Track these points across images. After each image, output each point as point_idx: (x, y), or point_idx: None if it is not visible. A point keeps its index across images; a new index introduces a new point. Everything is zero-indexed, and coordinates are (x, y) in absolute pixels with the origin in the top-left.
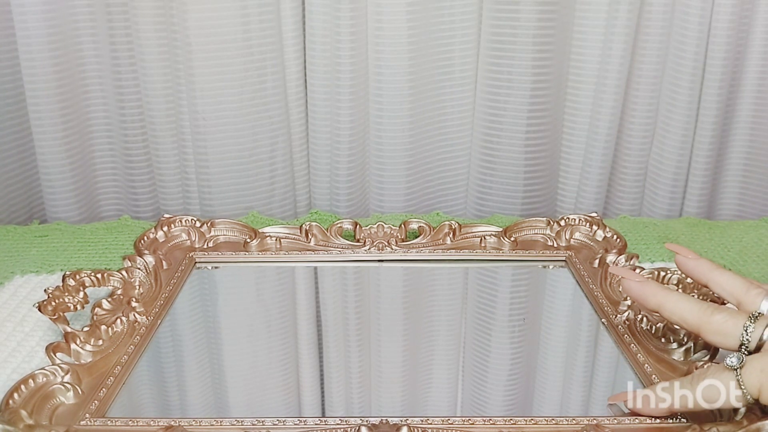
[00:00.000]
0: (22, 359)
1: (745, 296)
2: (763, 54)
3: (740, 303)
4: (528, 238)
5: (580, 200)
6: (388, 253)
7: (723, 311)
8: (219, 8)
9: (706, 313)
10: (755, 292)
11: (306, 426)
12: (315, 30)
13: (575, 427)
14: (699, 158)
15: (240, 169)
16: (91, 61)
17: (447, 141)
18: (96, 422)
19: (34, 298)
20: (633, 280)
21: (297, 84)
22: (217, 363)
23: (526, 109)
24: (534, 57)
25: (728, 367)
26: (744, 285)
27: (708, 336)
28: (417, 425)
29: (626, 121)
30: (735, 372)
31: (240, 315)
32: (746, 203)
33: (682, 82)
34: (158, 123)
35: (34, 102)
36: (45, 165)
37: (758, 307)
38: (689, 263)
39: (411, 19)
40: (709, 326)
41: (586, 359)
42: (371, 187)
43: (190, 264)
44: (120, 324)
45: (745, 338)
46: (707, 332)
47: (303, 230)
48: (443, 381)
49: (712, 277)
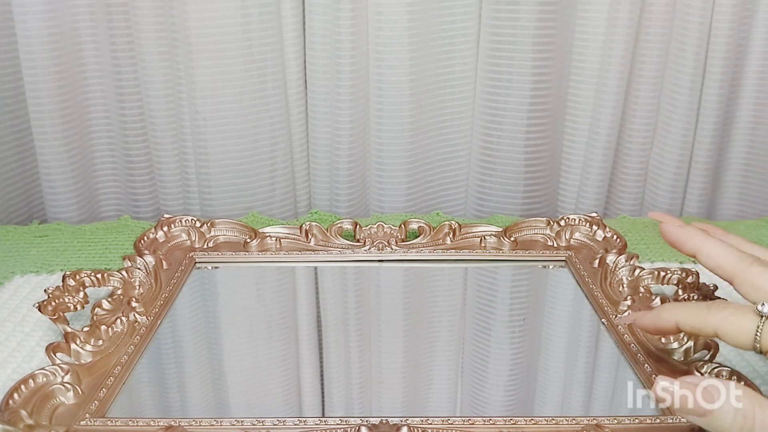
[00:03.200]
0: (22, 359)
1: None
2: (763, 54)
3: (734, 278)
4: (528, 238)
5: (581, 200)
6: (388, 253)
7: (762, 264)
8: (219, 8)
9: (745, 263)
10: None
11: (306, 426)
12: (315, 30)
13: (575, 427)
14: (699, 158)
15: (240, 169)
16: (92, 61)
17: (447, 141)
18: (96, 422)
19: (34, 298)
20: (671, 224)
21: (297, 84)
22: (217, 363)
23: (526, 109)
24: (534, 57)
25: (756, 312)
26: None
27: (741, 286)
28: (417, 425)
29: (627, 121)
30: (760, 318)
31: (240, 315)
32: (746, 203)
33: (683, 82)
34: (158, 123)
35: (35, 102)
36: (45, 165)
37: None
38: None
39: (411, 19)
40: (745, 276)
41: (586, 359)
42: (371, 187)
43: (190, 264)
44: (120, 324)
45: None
46: (741, 282)
47: (303, 230)
48: (443, 381)
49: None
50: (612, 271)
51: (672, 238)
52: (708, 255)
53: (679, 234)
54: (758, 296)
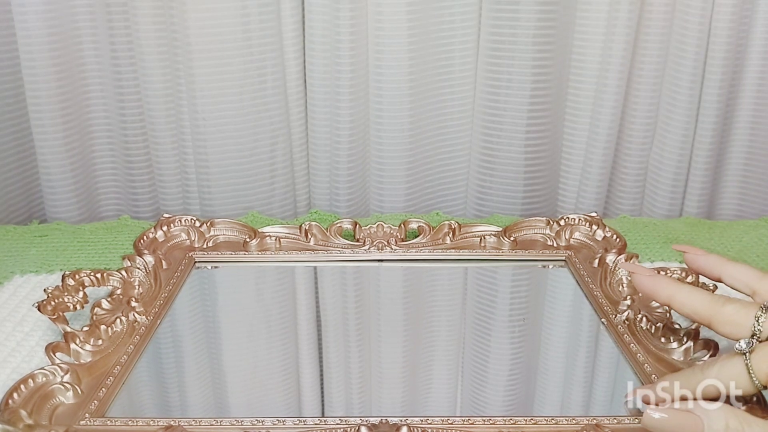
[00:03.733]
0: (21, 359)
1: (758, 285)
2: (763, 54)
3: (755, 292)
4: (528, 238)
5: (581, 200)
6: (388, 253)
7: (734, 302)
8: (219, 8)
9: (717, 304)
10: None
11: (306, 426)
12: (315, 30)
13: (575, 427)
14: (699, 158)
15: (240, 169)
16: (91, 61)
17: (447, 141)
18: (96, 422)
19: (34, 297)
20: (643, 275)
21: (297, 84)
22: (217, 363)
23: (526, 109)
24: (534, 57)
25: (737, 352)
26: (757, 275)
27: (719, 327)
28: (417, 425)
29: (627, 121)
30: (744, 356)
31: (240, 315)
32: (746, 203)
33: (683, 82)
34: (158, 123)
35: (35, 102)
36: (45, 165)
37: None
38: (699, 260)
39: (411, 19)
40: (721, 317)
41: (586, 359)
42: (371, 187)
43: (190, 264)
44: (120, 324)
45: (757, 328)
46: (719, 323)
47: (303, 230)
48: (443, 381)
49: (725, 270)
50: (612, 271)
51: (643, 289)
52: (682, 303)
53: (651, 284)
54: (739, 332)
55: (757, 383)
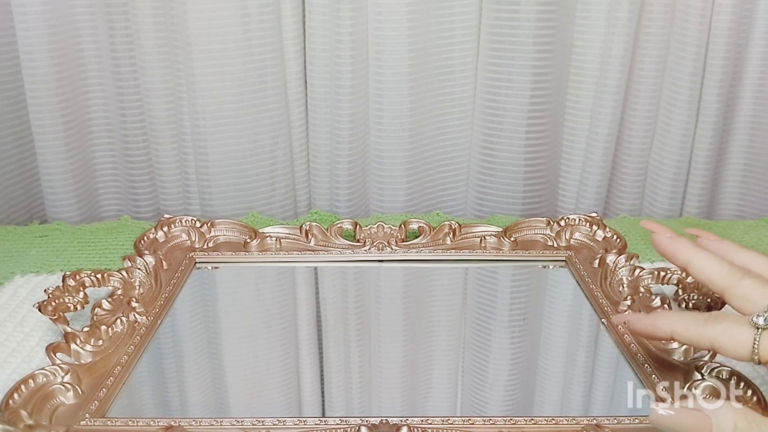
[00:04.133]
0: (22, 359)
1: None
2: (763, 54)
3: (725, 292)
4: (528, 238)
5: (581, 200)
6: (388, 253)
7: (753, 277)
8: (219, 8)
9: (735, 276)
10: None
11: (306, 426)
12: (315, 30)
13: (575, 427)
14: (699, 158)
15: (240, 169)
16: (91, 61)
17: (447, 141)
18: (96, 422)
19: (34, 298)
20: (663, 235)
21: (297, 84)
22: (217, 363)
23: (526, 109)
24: (534, 57)
25: (752, 324)
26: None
27: (732, 299)
28: (417, 425)
29: (626, 121)
30: (757, 330)
31: (240, 315)
32: (746, 203)
33: (683, 82)
34: (158, 123)
35: (35, 102)
36: (45, 165)
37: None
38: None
39: (411, 19)
40: (737, 289)
41: (586, 359)
42: (371, 187)
43: (190, 264)
44: (120, 324)
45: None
46: (732, 295)
47: (303, 230)
48: (443, 381)
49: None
50: (612, 271)
51: (663, 249)
52: (699, 269)
53: (670, 245)
54: (751, 309)
55: (756, 358)
